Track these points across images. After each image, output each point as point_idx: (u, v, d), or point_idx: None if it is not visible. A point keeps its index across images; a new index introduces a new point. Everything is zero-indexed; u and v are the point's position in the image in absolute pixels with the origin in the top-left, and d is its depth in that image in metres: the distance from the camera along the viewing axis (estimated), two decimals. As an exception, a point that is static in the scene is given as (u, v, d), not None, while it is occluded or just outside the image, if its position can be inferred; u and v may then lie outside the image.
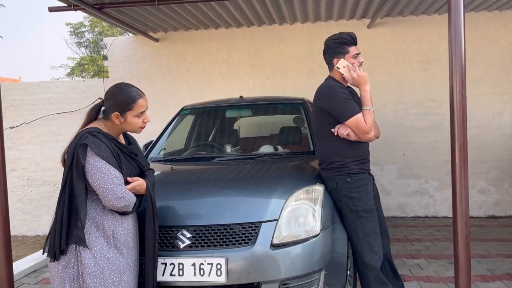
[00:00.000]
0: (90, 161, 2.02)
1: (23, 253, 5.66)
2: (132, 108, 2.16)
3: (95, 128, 2.14)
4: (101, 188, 2.02)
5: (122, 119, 2.16)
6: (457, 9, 2.64)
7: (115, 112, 2.14)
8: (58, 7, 4.79)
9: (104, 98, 2.21)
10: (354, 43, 2.75)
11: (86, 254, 2.02)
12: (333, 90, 2.66)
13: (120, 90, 2.19)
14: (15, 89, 6.88)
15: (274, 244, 2.34)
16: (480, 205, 6.00)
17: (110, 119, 2.16)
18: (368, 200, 2.67)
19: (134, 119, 2.19)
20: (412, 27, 6.04)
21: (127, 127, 2.21)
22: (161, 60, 6.54)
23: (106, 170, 2.03)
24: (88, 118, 2.21)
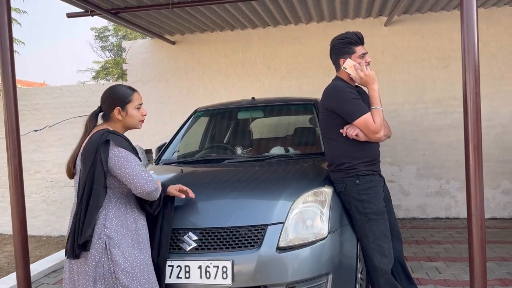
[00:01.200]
0: (115, 153, 2.09)
1: (46, 253, 5.81)
2: (131, 100, 2.24)
3: (105, 128, 2.20)
4: (131, 176, 2.07)
5: (124, 113, 2.23)
6: (470, 5, 2.56)
7: (116, 107, 2.21)
8: (76, 13, 4.90)
9: (101, 102, 2.28)
10: (361, 42, 2.69)
11: (116, 252, 2.06)
12: (340, 90, 2.62)
13: (114, 88, 2.30)
14: (38, 93, 7.08)
15: (281, 247, 2.32)
16: (504, 206, 5.81)
17: (112, 117, 2.24)
18: (377, 202, 2.62)
19: (135, 112, 2.26)
20: (431, 24, 5.90)
21: (130, 121, 2.26)
22: (178, 62, 6.61)
23: (131, 159, 2.11)
24: (91, 125, 2.25)
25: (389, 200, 2.92)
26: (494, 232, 5.03)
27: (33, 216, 7.04)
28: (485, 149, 5.70)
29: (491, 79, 5.78)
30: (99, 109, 2.29)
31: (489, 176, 5.81)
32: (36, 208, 7.07)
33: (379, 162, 2.78)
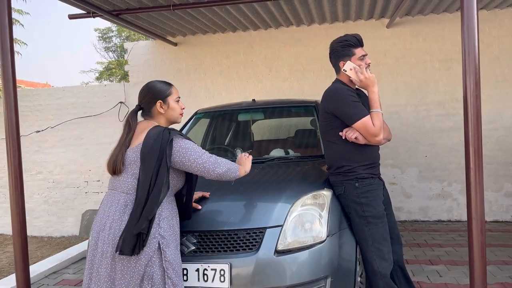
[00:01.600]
0: (181, 145, 2.13)
1: (48, 254, 5.82)
2: (171, 93, 2.29)
3: (156, 125, 2.24)
4: (200, 164, 2.13)
5: (166, 106, 2.26)
6: (471, 7, 2.54)
7: (158, 101, 2.24)
8: (78, 15, 4.91)
9: (140, 99, 2.30)
10: (360, 44, 2.68)
11: (169, 251, 2.09)
12: (340, 93, 2.61)
13: (152, 84, 2.31)
14: (41, 94, 7.10)
15: (279, 250, 2.31)
16: (506, 209, 5.77)
17: (154, 112, 2.27)
18: (377, 205, 2.60)
19: (175, 104, 2.30)
20: (433, 26, 5.88)
21: (171, 113, 2.30)
22: (180, 63, 6.61)
23: (196, 148, 2.17)
24: (134, 123, 2.24)
25: (389, 203, 2.90)
26: (496, 235, 5.00)
27: (35, 216, 7.06)
28: (487, 151, 5.74)
29: (493, 81, 5.75)
30: (138, 106, 2.31)
31: (491, 179, 5.79)
32: (37, 209, 7.08)
33: (379, 165, 2.76)
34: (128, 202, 2.10)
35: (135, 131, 2.21)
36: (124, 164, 2.14)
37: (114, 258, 2.03)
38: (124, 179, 2.14)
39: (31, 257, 5.78)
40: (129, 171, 2.13)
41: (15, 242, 3.10)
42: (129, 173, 2.13)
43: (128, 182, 2.13)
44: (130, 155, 2.14)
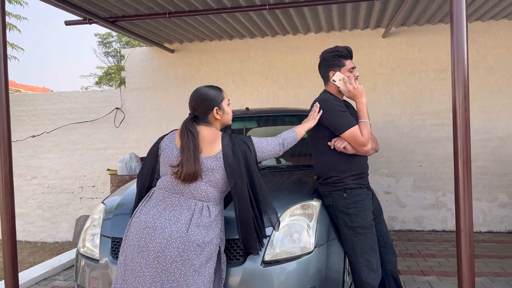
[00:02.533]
0: (256, 142, 2.34)
1: (40, 260, 5.79)
2: (223, 98, 2.34)
3: (222, 133, 2.31)
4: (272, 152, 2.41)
5: (221, 112, 2.32)
6: (460, 20, 2.56)
7: (215, 107, 2.28)
8: (74, 21, 4.93)
9: (194, 108, 2.31)
10: (350, 56, 2.70)
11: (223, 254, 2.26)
12: (328, 103, 2.63)
13: (205, 92, 2.32)
14: (37, 99, 7.11)
15: (266, 261, 2.31)
16: (501, 220, 5.77)
17: (211, 119, 2.31)
18: (365, 216, 2.60)
19: (229, 108, 2.38)
20: (428, 36, 5.91)
21: (226, 117, 2.38)
22: (177, 70, 6.63)
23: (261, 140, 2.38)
24: (195, 131, 2.22)
25: (380, 213, 2.91)
26: (489, 246, 4.99)
27: (29, 222, 7.04)
28: (482, 162, 5.74)
29: (488, 92, 5.77)
30: (192, 115, 2.31)
31: (486, 189, 5.79)
32: (32, 214, 7.06)
33: (367, 175, 2.77)
34: (203, 207, 2.15)
35: (200, 138, 2.21)
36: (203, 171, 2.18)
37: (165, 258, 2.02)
38: (197, 186, 2.16)
39: (24, 262, 5.76)
40: (204, 178, 2.16)
41: (4, 248, 3.10)
42: (203, 180, 2.16)
43: (202, 189, 2.16)
44: (208, 163, 2.17)
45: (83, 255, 2.66)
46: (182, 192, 2.16)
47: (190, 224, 2.08)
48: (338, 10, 5.05)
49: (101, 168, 6.81)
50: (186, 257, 2.02)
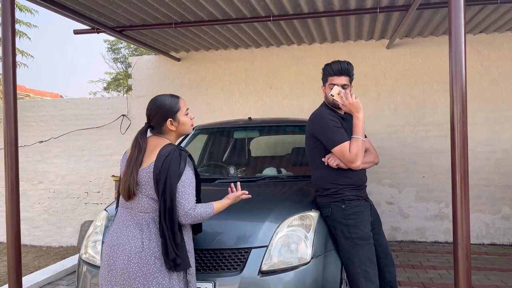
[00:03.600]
0: (187, 175, 2.10)
1: (45, 264, 5.86)
2: (179, 108, 2.25)
3: (169, 143, 2.20)
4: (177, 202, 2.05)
5: (176, 123, 2.23)
6: (458, 34, 2.60)
7: (168, 119, 2.20)
8: (83, 30, 5.04)
9: (149, 117, 2.25)
10: (339, 73, 2.74)
11: (193, 264, 2.16)
12: (322, 118, 2.69)
13: (160, 101, 2.24)
14: (46, 105, 7.23)
15: (263, 271, 2.34)
16: (504, 232, 5.74)
17: (165, 130, 2.23)
18: (363, 227, 2.63)
19: (185, 118, 2.28)
20: (432, 48, 5.94)
21: (183, 128, 2.28)
22: (182, 78, 6.72)
23: (189, 184, 2.09)
24: (144, 143, 2.18)
25: (379, 224, 2.94)
26: (492, 259, 4.98)
27: (35, 226, 7.12)
28: (485, 174, 5.74)
29: (492, 104, 5.78)
30: (147, 125, 2.27)
31: (489, 201, 5.78)
32: (37, 218, 7.15)
33: (365, 187, 2.80)
34: (149, 221, 2.08)
35: (146, 150, 2.16)
36: (139, 184, 2.11)
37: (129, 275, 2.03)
38: (140, 200, 2.10)
39: (29, 266, 5.83)
40: (143, 191, 2.10)
41: (8, 253, 3.15)
42: (143, 193, 2.10)
43: (145, 201, 2.09)
44: (142, 176, 2.10)
45: (84, 261, 2.72)
46: (132, 207, 2.13)
47: (143, 238, 2.06)
48: (342, 21, 5.10)
49: (106, 174, 6.89)
50: (147, 271, 2.02)
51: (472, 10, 4.72)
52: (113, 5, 4.27)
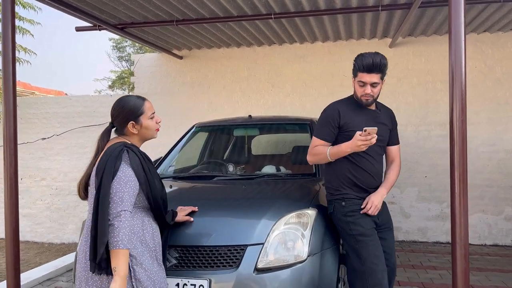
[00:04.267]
0: (125, 172, 1.99)
1: (46, 260, 5.87)
2: (143, 112, 2.16)
3: (122, 142, 2.11)
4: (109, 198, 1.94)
5: (139, 126, 2.16)
6: (458, 32, 2.57)
7: (130, 122, 2.13)
8: (85, 27, 5.04)
9: (112, 117, 2.19)
10: (364, 69, 2.58)
11: (139, 270, 2.02)
12: (324, 109, 2.77)
13: (124, 102, 2.18)
14: (48, 102, 7.25)
15: (259, 268, 2.33)
16: (506, 233, 5.70)
17: (127, 132, 2.16)
18: (365, 223, 2.60)
19: (149, 122, 2.19)
20: (435, 47, 5.90)
21: (146, 132, 2.20)
22: (185, 76, 6.72)
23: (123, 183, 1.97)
24: (102, 144, 2.14)
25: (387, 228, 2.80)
26: (493, 260, 4.94)
27: (37, 222, 7.15)
28: (488, 174, 5.70)
29: (495, 103, 5.73)
30: (111, 125, 2.20)
31: (491, 202, 5.73)
32: (40, 215, 7.17)
33: (369, 190, 2.71)
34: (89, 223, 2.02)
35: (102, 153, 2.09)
36: (90, 185, 2.07)
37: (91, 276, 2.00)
38: (90, 200, 2.08)
39: (30, 262, 5.86)
40: (92, 192, 2.05)
41: (7, 249, 3.16)
42: (91, 193, 2.05)
43: (91, 202, 2.04)
44: (92, 176, 2.06)
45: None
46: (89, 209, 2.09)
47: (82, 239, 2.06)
48: (344, 19, 5.08)
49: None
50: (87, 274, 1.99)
51: (475, 8, 4.68)
52: (114, 2, 4.27)
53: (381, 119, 2.75)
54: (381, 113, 2.77)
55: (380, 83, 2.63)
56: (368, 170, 2.69)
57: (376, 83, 2.60)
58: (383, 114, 2.78)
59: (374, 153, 2.70)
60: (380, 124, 2.67)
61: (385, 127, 2.74)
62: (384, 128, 2.72)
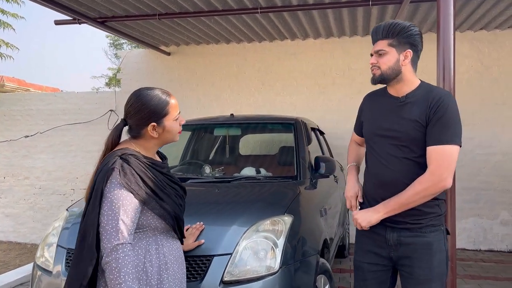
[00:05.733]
0: (110, 189, 1.62)
1: (27, 262, 5.68)
2: (168, 112, 1.78)
3: (125, 149, 1.74)
4: (101, 228, 1.59)
5: (160, 129, 1.77)
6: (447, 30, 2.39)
7: (151, 123, 1.74)
8: (64, 21, 4.84)
9: (126, 115, 1.78)
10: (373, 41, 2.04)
11: None
12: None
13: (146, 97, 1.76)
14: (32, 99, 7.05)
15: (225, 281, 2.13)
16: (502, 238, 5.50)
17: (144, 135, 1.77)
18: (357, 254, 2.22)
19: (174, 124, 1.81)
20: (430, 45, 5.65)
21: (167, 136, 1.82)
22: (172, 73, 6.52)
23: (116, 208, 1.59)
24: (111, 145, 1.78)
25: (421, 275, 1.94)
26: (487, 266, 4.74)
27: (20, 222, 6.95)
28: (484, 177, 5.49)
29: (492, 104, 5.53)
30: (123, 122, 1.80)
31: (487, 206, 5.54)
32: (23, 215, 6.98)
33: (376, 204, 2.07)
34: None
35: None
36: None
37: None
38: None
39: (9, 264, 5.67)
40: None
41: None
42: None
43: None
44: None
45: (39, 266, 2.52)
46: None
47: None
48: (334, 15, 4.87)
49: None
50: None
51: (470, 4, 4.48)
52: (91, -6, 4.07)
53: (401, 111, 1.96)
54: (408, 101, 1.95)
55: (390, 52, 1.94)
56: (376, 178, 2.05)
57: (382, 51, 1.94)
58: (413, 102, 1.94)
59: (386, 155, 1.99)
60: (397, 117, 1.97)
61: (409, 122, 1.92)
62: (406, 123, 1.93)
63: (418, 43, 2.02)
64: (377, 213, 1.95)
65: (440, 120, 1.87)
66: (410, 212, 1.91)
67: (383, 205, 1.94)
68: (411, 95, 1.98)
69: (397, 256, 1.99)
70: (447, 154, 1.84)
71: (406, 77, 1.99)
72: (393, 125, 1.97)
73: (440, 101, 1.90)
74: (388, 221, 1.97)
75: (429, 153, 1.88)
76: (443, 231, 1.96)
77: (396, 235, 1.97)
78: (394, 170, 1.95)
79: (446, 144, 1.84)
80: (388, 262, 2.04)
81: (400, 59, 1.96)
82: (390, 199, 1.92)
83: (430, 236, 1.93)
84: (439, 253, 1.92)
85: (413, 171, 1.91)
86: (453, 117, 1.89)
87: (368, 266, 2.08)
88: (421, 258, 1.93)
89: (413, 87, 2.00)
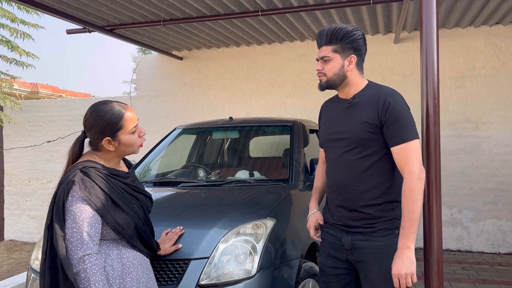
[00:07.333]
0: (71, 202, 1.68)
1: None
2: (123, 126, 1.79)
3: (87, 161, 1.79)
4: (66, 240, 1.64)
5: (116, 143, 1.80)
6: (430, 26, 2.32)
7: (105, 138, 1.79)
8: (75, 30, 5.01)
9: (84, 128, 1.85)
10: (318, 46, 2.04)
11: None
12: None
13: (99, 111, 1.80)
14: (54, 105, 7.32)
15: (202, 285, 2.15)
16: None
17: (102, 148, 1.82)
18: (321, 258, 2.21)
19: (131, 137, 1.82)
20: (444, 42, 5.52)
21: (125, 149, 1.84)
22: (185, 77, 6.61)
23: (80, 220, 1.65)
24: (73, 156, 1.86)
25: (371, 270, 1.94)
26: (503, 270, 4.55)
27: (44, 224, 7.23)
28: (502, 177, 5.29)
29: (510, 101, 5.30)
30: (84, 134, 1.86)
31: (506, 207, 5.31)
32: (46, 217, 7.25)
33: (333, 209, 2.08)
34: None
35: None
36: None
37: None
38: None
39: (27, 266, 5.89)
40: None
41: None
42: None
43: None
44: None
45: (34, 270, 2.61)
46: None
47: None
48: (339, 15, 4.80)
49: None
50: None
51: (481, -2, 4.32)
52: (95, 3, 4.19)
53: (350, 113, 1.99)
54: (355, 101, 1.99)
55: (335, 58, 1.95)
56: (332, 183, 2.07)
57: (327, 57, 1.95)
58: (361, 103, 1.97)
59: (339, 160, 2.00)
60: (346, 119, 1.99)
61: (357, 122, 1.93)
62: (354, 124, 1.94)
63: (362, 47, 2.02)
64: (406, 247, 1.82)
65: (396, 120, 1.93)
66: (362, 216, 1.93)
67: (402, 237, 1.81)
68: (358, 95, 2.01)
69: (353, 260, 2.00)
70: (412, 149, 1.89)
71: (352, 81, 2.02)
72: (342, 128, 2.00)
73: (388, 100, 1.95)
74: (344, 225, 2.00)
75: (395, 153, 1.91)
76: (397, 234, 1.91)
77: (350, 238, 1.98)
78: (347, 174, 1.97)
79: (408, 141, 1.90)
80: (348, 266, 2.04)
81: (345, 65, 1.99)
82: (402, 229, 1.82)
83: (381, 240, 1.92)
84: (392, 257, 1.87)
85: (366, 172, 1.94)
86: (405, 113, 1.99)
87: (330, 269, 2.09)
88: (373, 263, 1.93)
89: (360, 88, 2.03)
